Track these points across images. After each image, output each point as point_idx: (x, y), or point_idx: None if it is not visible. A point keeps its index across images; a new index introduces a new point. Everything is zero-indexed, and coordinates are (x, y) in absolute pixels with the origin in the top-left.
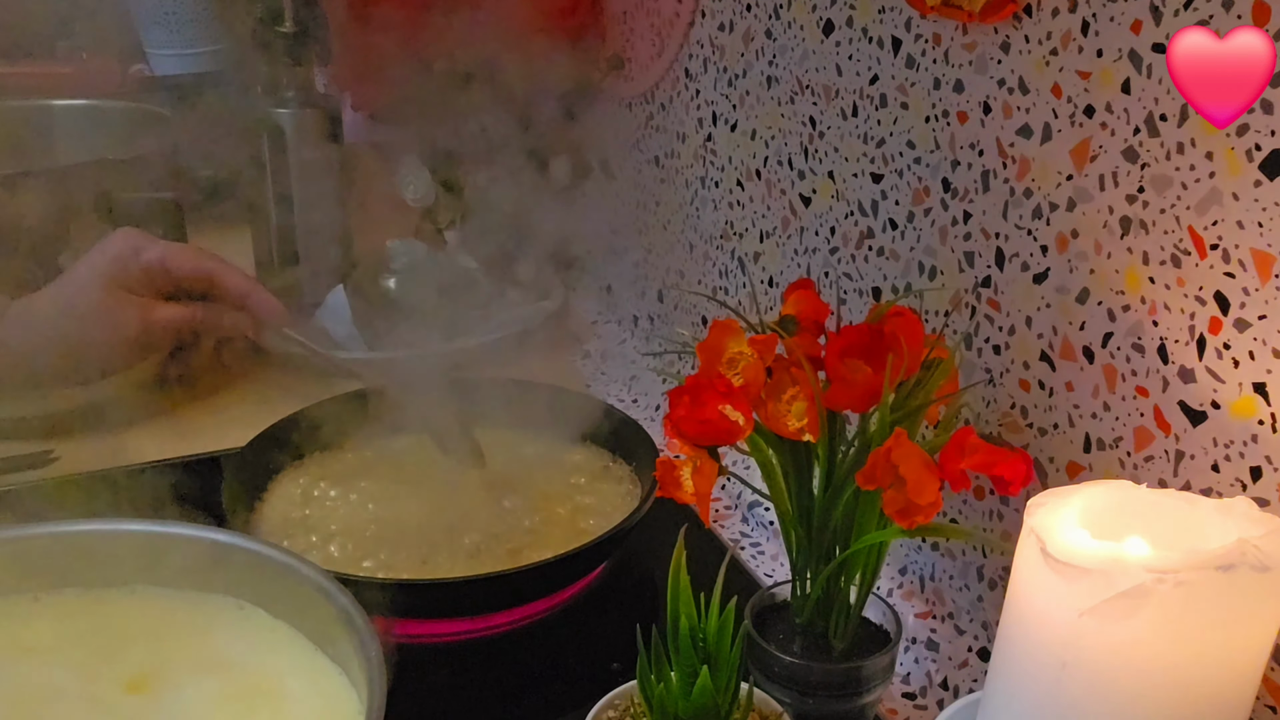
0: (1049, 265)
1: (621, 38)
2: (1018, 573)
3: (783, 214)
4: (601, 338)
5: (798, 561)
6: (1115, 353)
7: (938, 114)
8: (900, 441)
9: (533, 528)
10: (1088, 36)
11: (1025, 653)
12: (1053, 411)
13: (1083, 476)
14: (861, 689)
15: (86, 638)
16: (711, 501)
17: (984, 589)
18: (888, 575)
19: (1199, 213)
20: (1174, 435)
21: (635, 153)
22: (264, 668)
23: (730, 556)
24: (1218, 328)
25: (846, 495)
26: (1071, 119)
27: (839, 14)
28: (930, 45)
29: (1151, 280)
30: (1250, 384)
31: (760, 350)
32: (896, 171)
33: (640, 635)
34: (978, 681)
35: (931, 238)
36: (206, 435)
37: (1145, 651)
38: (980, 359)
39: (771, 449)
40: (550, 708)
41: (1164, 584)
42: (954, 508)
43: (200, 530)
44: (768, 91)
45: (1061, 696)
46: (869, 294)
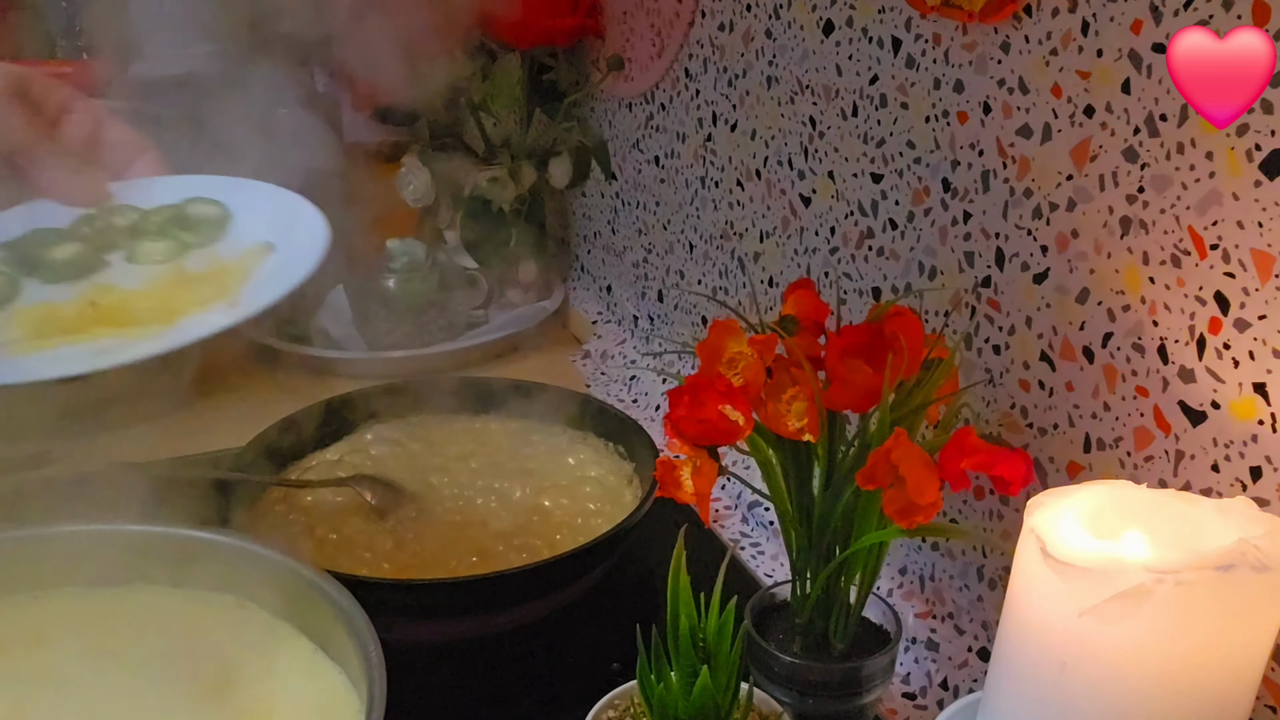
0: (1049, 265)
1: (621, 38)
2: (1018, 573)
3: (783, 214)
4: (601, 338)
5: (798, 561)
6: (1115, 353)
7: (938, 114)
8: (900, 441)
9: (532, 528)
10: (1088, 36)
11: (1025, 653)
12: (1053, 411)
13: (1083, 476)
14: (861, 689)
15: (87, 637)
16: (711, 501)
17: (984, 589)
18: (888, 575)
19: (1199, 213)
20: (1174, 435)
21: (635, 153)
22: (264, 668)
23: (730, 556)
24: (1218, 328)
25: (846, 495)
26: (1071, 119)
27: (839, 14)
28: (930, 45)
29: (1151, 280)
30: (1250, 384)
31: (760, 350)
32: (896, 171)
33: (640, 635)
34: (978, 681)
35: (931, 238)
36: (206, 435)
37: (1145, 651)
38: (980, 359)
39: (771, 449)
40: (550, 708)
41: (1164, 584)
42: (954, 508)
43: (200, 530)
44: (768, 91)
45: (1061, 696)
46: (869, 294)
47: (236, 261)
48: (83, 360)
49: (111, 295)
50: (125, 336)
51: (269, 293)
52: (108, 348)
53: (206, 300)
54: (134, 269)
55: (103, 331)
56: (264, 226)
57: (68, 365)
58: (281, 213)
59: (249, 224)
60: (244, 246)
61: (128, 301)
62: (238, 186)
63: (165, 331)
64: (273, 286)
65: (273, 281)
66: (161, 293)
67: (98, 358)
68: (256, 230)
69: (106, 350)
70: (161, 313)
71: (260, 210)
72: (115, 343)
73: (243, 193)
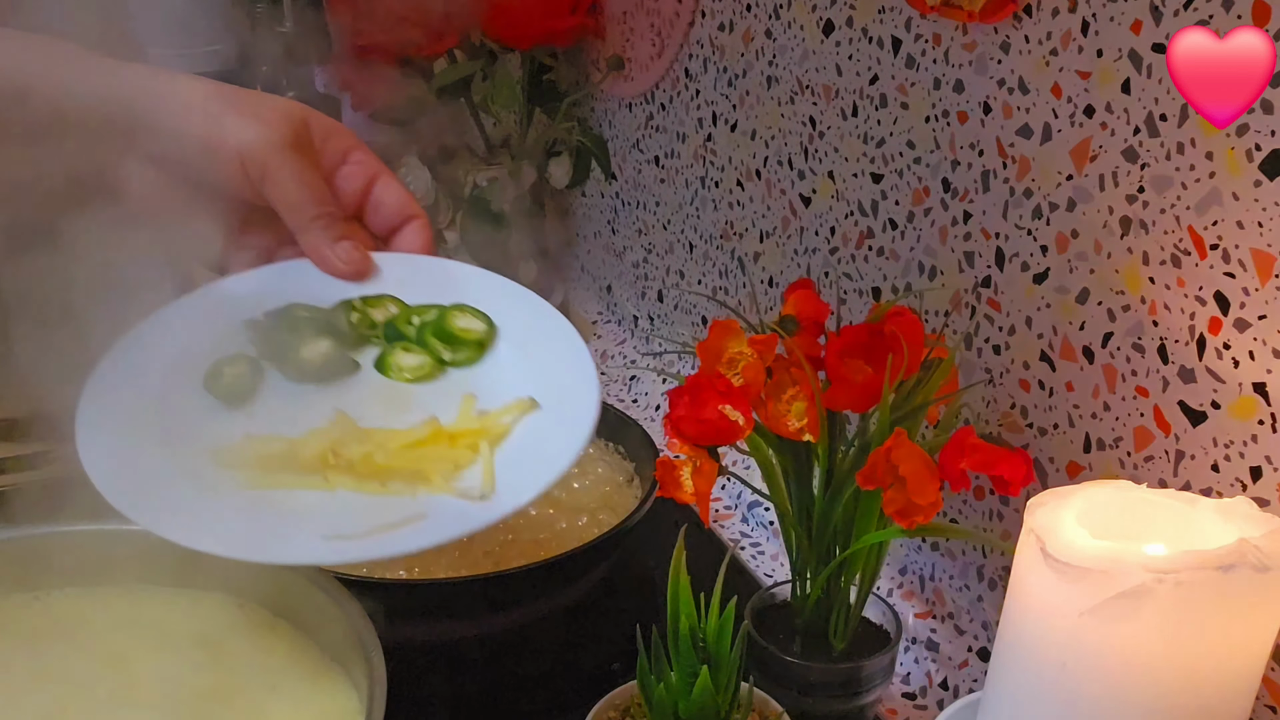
0: (1049, 265)
1: (621, 38)
2: (1018, 573)
3: (783, 214)
4: (601, 338)
5: (798, 561)
6: (1115, 353)
7: (938, 114)
8: (900, 441)
9: (532, 527)
10: (1088, 36)
11: (1025, 653)
12: (1053, 411)
13: (1083, 476)
14: (861, 689)
15: (87, 638)
16: (711, 501)
17: (984, 589)
18: (888, 575)
19: (1199, 213)
20: (1174, 435)
21: (635, 153)
22: (264, 668)
23: (730, 556)
24: (1218, 328)
25: (846, 495)
26: (1071, 119)
27: (839, 14)
28: (930, 45)
29: (1151, 280)
30: (1250, 384)
31: (760, 350)
32: (896, 171)
33: (640, 635)
34: (978, 681)
35: (931, 238)
36: None
37: (1145, 651)
38: (980, 359)
39: (771, 449)
40: (550, 708)
41: (1164, 584)
42: (954, 508)
43: None
44: (768, 91)
45: (1061, 696)
46: (869, 294)
47: (495, 416)
48: (369, 547)
49: (353, 438)
50: (366, 493)
51: (527, 485)
52: (354, 507)
53: (458, 466)
54: (382, 384)
55: (342, 482)
56: (527, 365)
57: (373, 549)
58: (547, 346)
59: (512, 357)
60: (505, 398)
61: (371, 455)
62: (500, 289)
63: (411, 506)
64: (532, 475)
65: (532, 464)
66: (409, 453)
67: (382, 545)
68: (519, 368)
69: (352, 508)
70: (407, 474)
71: (524, 335)
72: (363, 504)
73: (505, 300)
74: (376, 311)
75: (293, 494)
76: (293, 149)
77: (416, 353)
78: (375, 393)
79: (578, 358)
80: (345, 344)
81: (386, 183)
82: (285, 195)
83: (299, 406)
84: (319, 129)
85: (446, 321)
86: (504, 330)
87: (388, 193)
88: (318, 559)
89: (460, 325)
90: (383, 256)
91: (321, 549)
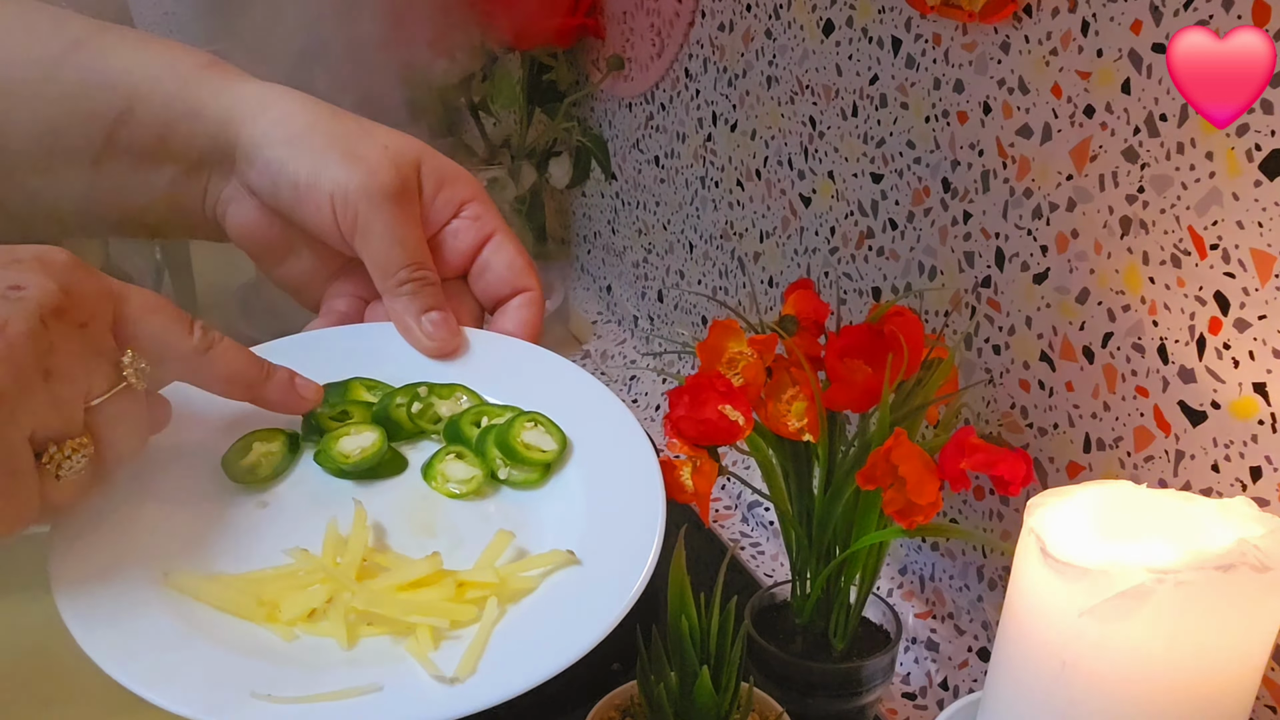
0: (1049, 265)
1: (621, 38)
2: (1018, 573)
3: (783, 214)
4: (601, 338)
5: (798, 561)
6: (1115, 353)
7: (938, 114)
8: (900, 441)
9: None
10: (1088, 36)
11: (1025, 653)
12: (1053, 411)
13: (1083, 476)
14: (861, 689)
15: None
16: (711, 501)
17: (984, 589)
18: (888, 575)
19: (1199, 213)
20: (1174, 435)
21: (635, 153)
22: None
23: (730, 556)
24: (1218, 328)
25: (846, 495)
26: (1071, 119)
27: (839, 14)
28: (930, 45)
29: (1151, 280)
30: (1250, 384)
31: (760, 350)
32: (896, 171)
33: (640, 635)
34: (978, 681)
35: (931, 238)
36: None
37: (1145, 651)
38: (980, 359)
39: (771, 449)
40: (550, 708)
41: (1164, 584)
42: (954, 508)
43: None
44: (768, 91)
45: (1061, 696)
46: (869, 294)
47: (523, 566)
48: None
49: (374, 576)
50: (378, 635)
51: (515, 676)
52: (304, 652)
53: (454, 624)
54: (421, 492)
55: (356, 626)
56: (589, 499)
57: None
58: (618, 481)
59: (575, 488)
60: (547, 541)
61: (385, 594)
62: (594, 401)
63: (374, 670)
64: (528, 663)
65: (535, 647)
66: (427, 597)
67: (315, 715)
68: (577, 504)
69: (302, 654)
70: (391, 623)
71: (597, 461)
72: (315, 650)
73: (594, 414)
74: (444, 404)
75: (236, 626)
76: (393, 199)
77: (470, 462)
78: (410, 500)
79: (648, 504)
80: (397, 436)
81: (500, 244)
82: (374, 252)
83: (317, 502)
84: (433, 175)
85: (514, 432)
86: (578, 452)
87: (499, 256)
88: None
89: (527, 440)
90: (476, 335)
91: (244, 708)
